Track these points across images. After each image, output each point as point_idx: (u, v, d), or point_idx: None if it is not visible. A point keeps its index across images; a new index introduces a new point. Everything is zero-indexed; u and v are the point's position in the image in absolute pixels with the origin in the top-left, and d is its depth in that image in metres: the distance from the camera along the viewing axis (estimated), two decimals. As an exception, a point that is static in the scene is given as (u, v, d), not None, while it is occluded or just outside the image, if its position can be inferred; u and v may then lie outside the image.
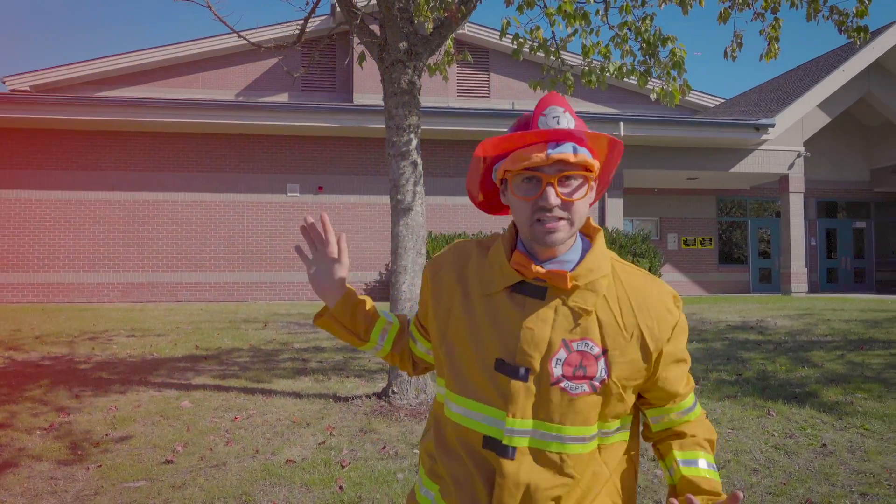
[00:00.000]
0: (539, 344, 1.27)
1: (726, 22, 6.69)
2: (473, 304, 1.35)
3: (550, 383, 1.26)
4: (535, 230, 1.27)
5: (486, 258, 1.39)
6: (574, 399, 1.27)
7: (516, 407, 1.26)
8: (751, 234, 21.34)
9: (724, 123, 17.40)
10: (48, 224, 15.10)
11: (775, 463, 4.21)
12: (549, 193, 1.25)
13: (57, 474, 4.18)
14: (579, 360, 1.27)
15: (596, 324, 1.29)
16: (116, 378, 6.56)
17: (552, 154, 1.24)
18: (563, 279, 1.28)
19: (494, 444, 1.27)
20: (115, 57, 19.30)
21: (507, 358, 1.28)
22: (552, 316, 1.29)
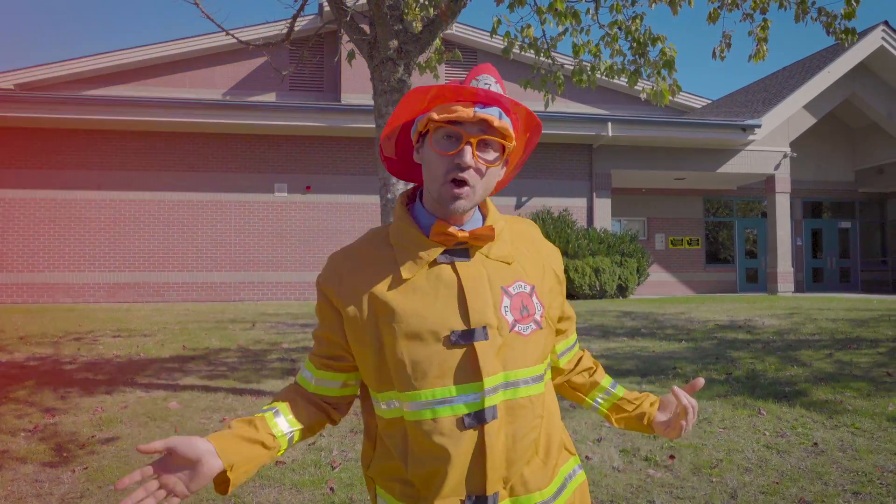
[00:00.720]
0: (485, 299, 1.31)
1: (715, 22, 6.70)
2: (404, 292, 1.32)
3: (508, 330, 1.31)
4: (443, 191, 1.30)
5: (389, 247, 1.37)
6: (527, 339, 1.34)
7: (488, 366, 1.27)
8: (737, 234, 21.46)
9: (711, 124, 17.48)
10: (32, 223, 14.94)
11: (767, 462, 4.21)
12: (466, 152, 1.27)
13: (42, 477, 4.11)
14: (521, 302, 1.35)
15: (520, 266, 1.39)
16: (103, 379, 6.48)
17: (479, 112, 1.27)
18: (491, 232, 1.34)
19: (477, 415, 1.26)
20: (101, 56, 19.11)
21: (460, 327, 1.29)
22: (484, 271, 1.34)
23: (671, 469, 4.12)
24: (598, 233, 16.65)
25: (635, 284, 16.64)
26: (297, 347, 8.42)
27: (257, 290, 15.86)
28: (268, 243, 15.99)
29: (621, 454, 4.38)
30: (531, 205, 17.22)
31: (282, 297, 15.94)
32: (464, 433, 1.26)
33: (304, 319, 11.43)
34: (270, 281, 15.92)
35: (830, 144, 21.47)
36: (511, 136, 1.32)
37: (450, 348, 1.28)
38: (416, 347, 1.28)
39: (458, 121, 1.28)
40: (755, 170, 18.29)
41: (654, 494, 3.74)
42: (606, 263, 15.99)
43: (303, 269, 16.11)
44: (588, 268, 15.79)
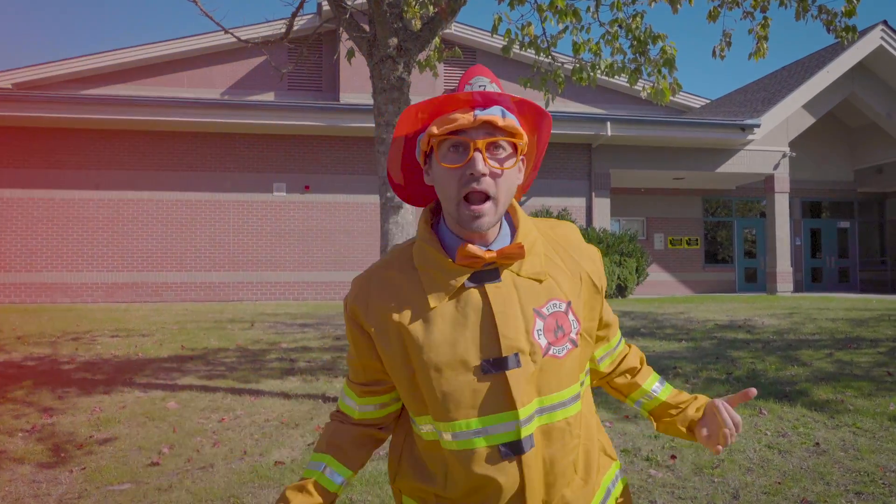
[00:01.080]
0: (516, 324, 1.23)
1: (716, 20, 6.68)
2: (432, 320, 1.25)
3: (542, 355, 1.24)
4: (461, 212, 1.22)
5: (414, 270, 1.29)
6: (563, 361, 1.26)
7: (521, 395, 1.21)
8: (736, 233, 21.44)
9: (710, 124, 17.47)
10: (30, 223, 14.90)
11: (769, 462, 4.19)
12: (477, 159, 1.19)
13: (39, 477, 4.08)
14: (555, 323, 1.26)
15: (553, 282, 1.29)
16: (101, 379, 6.46)
17: (480, 115, 1.20)
18: (521, 250, 1.25)
19: (513, 446, 1.21)
20: (100, 55, 19.07)
21: (492, 355, 1.22)
22: (514, 292, 1.26)
23: (673, 469, 4.10)
24: (598, 233, 16.64)
25: (634, 284, 16.63)
26: (295, 347, 8.39)
27: (256, 290, 15.83)
28: (266, 243, 15.96)
29: (622, 454, 4.36)
30: (530, 204, 17.20)
31: (280, 297, 15.91)
32: (501, 463, 1.21)
33: (302, 319, 11.41)
34: (269, 281, 15.89)
35: (829, 144, 21.47)
36: (520, 132, 1.25)
37: (481, 379, 1.22)
38: (447, 378, 1.23)
39: (460, 129, 1.21)
40: (754, 169, 18.27)
41: (655, 494, 3.72)
42: (605, 263, 15.97)
43: (302, 268, 16.08)
44: (587, 267, 15.78)
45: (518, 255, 1.25)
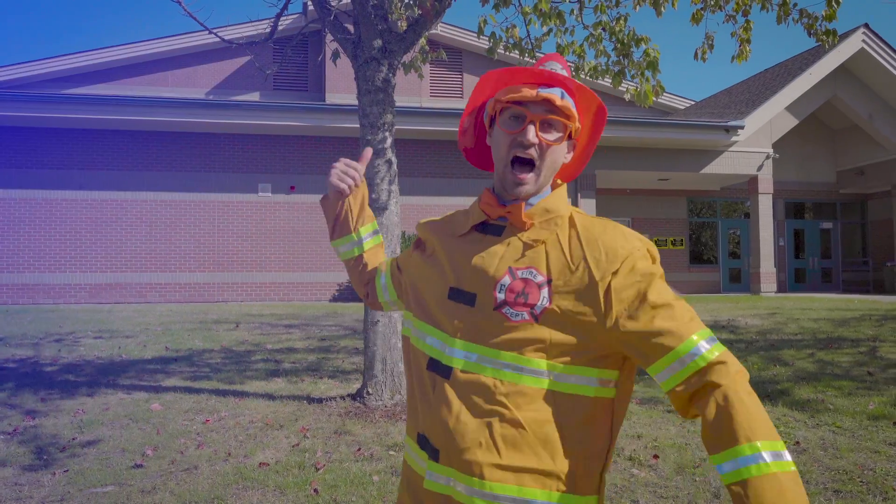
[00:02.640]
0: (486, 272, 1.35)
1: (699, 23, 6.74)
2: (443, 245, 1.47)
3: (493, 307, 1.32)
4: (506, 175, 1.37)
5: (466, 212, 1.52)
6: (514, 325, 1.29)
7: (459, 329, 1.34)
8: (721, 234, 21.60)
9: (694, 125, 17.58)
10: (12, 223, 14.76)
11: (750, 461, 4.23)
12: (529, 130, 1.34)
13: (22, 480, 4.05)
14: (522, 287, 1.31)
15: (543, 255, 1.34)
16: (84, 380, 6.42)
17: (542, 92, 1.34)
18: (520, 223, 1.37)
19: (435, 364, 1.36)
20: (81, 54, 18.91)
21: (459, 286, 1.38)
22: (503, 249, 1.37)
23: (655, 469, 4.13)
24: (583, 233, 16.70)
25: (620, 284, 16.71)
26: (281, 348, 8.38)
27: (241, 291, 15.77)
28: (252, 244, 15.91)
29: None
30: (516, 205, 17.23)
31: (266, 298, 15.86)
32: (427, 374, 1.38)
33: (287, 320, 11.38)
34: (254, 281, 15.84)
35: (812, 146, 21.67)
36: (574, 115, 1.38)
37: (444, 301, 1.39)
38: (429, 288, 1.45)
39: (522, 101, 1.36)
40: (738, 171, 18.42)
41: (637, 494, 3.76)
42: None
43: (287, 269, 16.04)
44: (573, 268, 15.84)
45: (518, 224, 1.38)
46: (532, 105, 1.35)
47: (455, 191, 16.97)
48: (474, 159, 1.60)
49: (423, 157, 16.83)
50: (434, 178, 16.85)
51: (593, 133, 1.48)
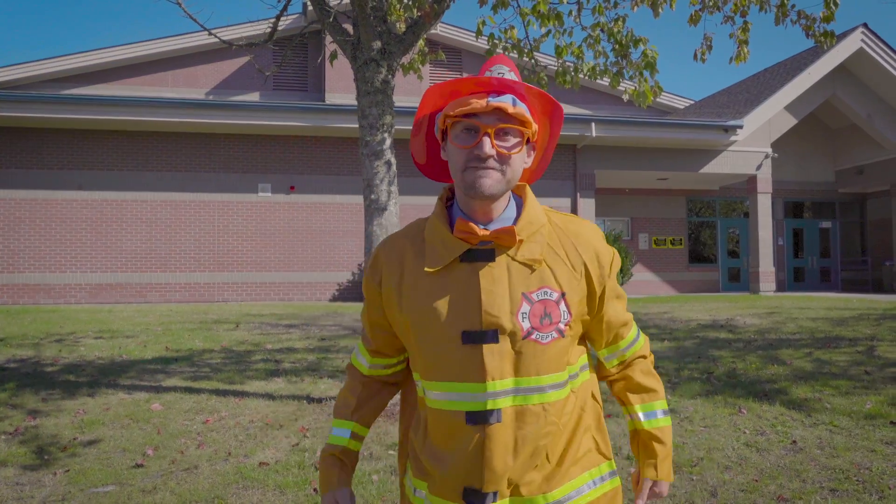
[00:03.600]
0: (501, 303, 1.31)
1: (696, 24, 6.77)
2: (426, 286, 1.36)
3: (522, 337, 1.31)
4: (466, 176, 1.31)
5: (423, 240, 1.41)
6: (546, 347, 1.33)
7: (493, 370, 1.30)
8: (720, 233, 21.63)
9: (693, 125, 17.61)
10: (12, 223, 14.78)
11: (747, 460, 4.26)
12: (485, 143, 1.29)
13: (23, 480, 4.08)
14: (543, 309, 1.33)
15: (549, 271, 1.36)
16: (85, 380, 6.44)
17: (492, 102, 1.29)
18: (511, 234, 1.33)
19: (478, 416, 1.30)
20: (81, 55, 18.95)
21: (473, 327, 1.31)
22: (506, 274, 1.33)
23: (653, 467, 4.16)
24: (582, 233, 16.72)
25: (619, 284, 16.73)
26: (281, 348, 8.40)
27: (241, 291, 15.80)
28: (251, 244, 15.93)
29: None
30: (515, 205, 17.25)
31: (266, 298, 15.89)
32: (467, 429, 1.31)
33: (288, 320, 11.41)
34: (254, 281, 15.86)
35: (811, 145, 21.70)
36: (529, 121, 1.33)
37: (459, 347, 1.31)
38: (432, 341, 1.34)
39: (473, 113, 1.31)
40: (737, 170, 18.45)
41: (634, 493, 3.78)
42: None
43: (287, 269, 16.06)
44: (572, 268, 15.85)
45: (509, 239, 1.33)
46: (484, 116, 1.31)
47: (454, 191, 16.98)
48: (431, 173, 1.54)
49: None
50: (433, 177, 16.85)
51: (552, 133, 1.46)
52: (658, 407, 1.54)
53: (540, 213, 1.40)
